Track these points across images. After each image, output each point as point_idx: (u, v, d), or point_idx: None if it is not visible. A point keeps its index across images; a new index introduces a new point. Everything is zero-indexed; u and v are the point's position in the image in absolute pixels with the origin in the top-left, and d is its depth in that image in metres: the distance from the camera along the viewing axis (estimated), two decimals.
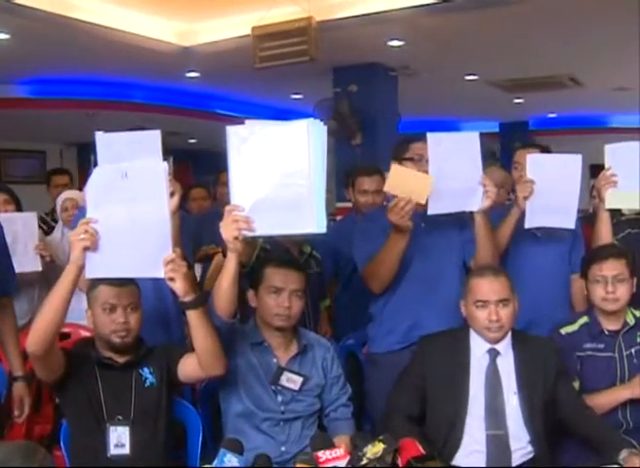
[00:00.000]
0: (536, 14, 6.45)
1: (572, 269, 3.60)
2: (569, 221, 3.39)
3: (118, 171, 2.49)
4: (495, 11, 6.28)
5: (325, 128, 2.53)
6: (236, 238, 2.50)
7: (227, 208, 2.51)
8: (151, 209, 2.47)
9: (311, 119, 2.52)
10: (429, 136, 3.02)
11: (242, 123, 2.56)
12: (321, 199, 2.51)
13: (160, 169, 2.49)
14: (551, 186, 3.29)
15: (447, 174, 3.03)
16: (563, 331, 3.20)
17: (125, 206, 2.46)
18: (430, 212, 3.06)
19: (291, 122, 2.54)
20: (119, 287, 2.72)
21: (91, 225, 2.46)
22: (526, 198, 3.29)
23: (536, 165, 3.34)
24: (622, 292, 3.11)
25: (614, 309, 3.12)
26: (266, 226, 2.53)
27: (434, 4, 6.15)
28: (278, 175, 2.49)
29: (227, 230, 2.50)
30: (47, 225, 5.51)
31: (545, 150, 3.77)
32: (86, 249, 2.45)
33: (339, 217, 6.43)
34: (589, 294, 3.18)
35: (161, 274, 2.49)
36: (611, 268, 3.11)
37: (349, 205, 5.08)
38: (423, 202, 2.96)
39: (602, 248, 3.29)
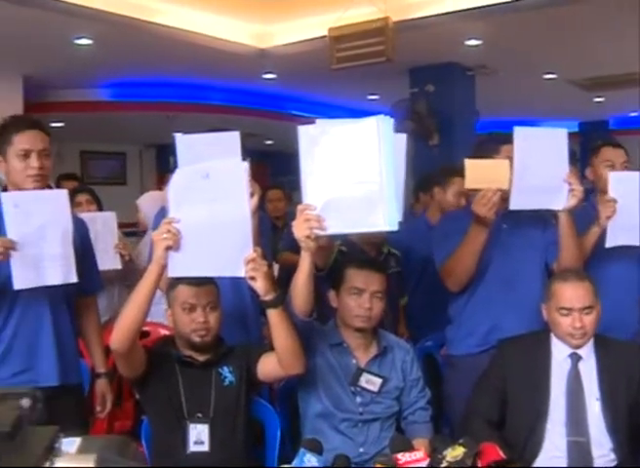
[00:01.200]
0: (615, 10, 6.30)
1: None
2: None
3: (199, 171, 2.52)
4: (574, 7, 6.16)
5: (392, 123, 2.51)
6: (308, 237, 2.50)
7: (299, 207, 2.52)
8: (232, 208, 2.49)
9: (381, 115, 2.50)
10: (516, 129, 2.96)
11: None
12: (392, 196, 2.48)
13: (241, 169, 2.51)
14: (635, 204, 3.20)
15: (532, 169, 2.97)
16: None
17: (206, 205, 2.49)
18: (512, 207, 3.01)
19: (360, 119, 2.52)
20: (198, 286, 2.75)
21: (173, 225, 2.49)
22: (609, 218, 3.20)
23: (619, 183, 3.25)
24: None
25: None
26: (338, 225, 2.52)
27: (512, 2, 6.07)
28: (349, 173, 2.49)
29: (300, 229, 2.50)
30: None
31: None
32: (168, 248, 2.49)
33: None
34: None
35: (242, 273, 2.51)
36: None
37: None
38: (506, 187, 2.92)
39: None
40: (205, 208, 2.49)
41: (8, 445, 0.87)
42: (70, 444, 0.93)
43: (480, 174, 2.92)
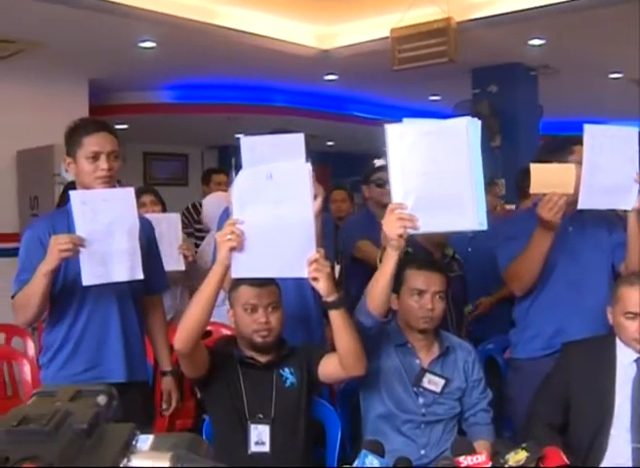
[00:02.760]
0: None
1: None
2: None
3: (263, 172, 2.53)
4: (638, 4, 6.04)
5: (479, 125, 2.53)
6: (401, 236, 2.50)
7: (391, 206, 2.52)
8: (296, 209, 2.50)
9: (469, 117, 2.53)
10: (586, 127, 2.93)
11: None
12: (481, 196, 2.51)
13: (305, 170, 2.52)
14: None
15: (601, 168, 2.94)
16: None
17: (270, 206, 2.51)
18: (580, 206, 2.97)
19: (449, 120, 2.56)
20: (260, 287, 2.77)
21: (237, 226, 2.51)
22: None
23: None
24: None
25: None
26: (428, 224, 2.53)
27: (576, 0, 5.99)
28: (438, 172, 2.51)
29: (392, 228, 2.50)
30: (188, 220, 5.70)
31: None
32: (232, 249, 2.50)
33: None
34: None
35: (305, 274, 2.52)
36: None
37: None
38: (572, 192, 2.89)
39: None
40: (268, 209, 2.51)
41: (85, 442, 0.89)
42: (144, 441, 0.94)
43: (546, 178, 2.90)
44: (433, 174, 2.51)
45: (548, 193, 2.90)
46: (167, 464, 0.84)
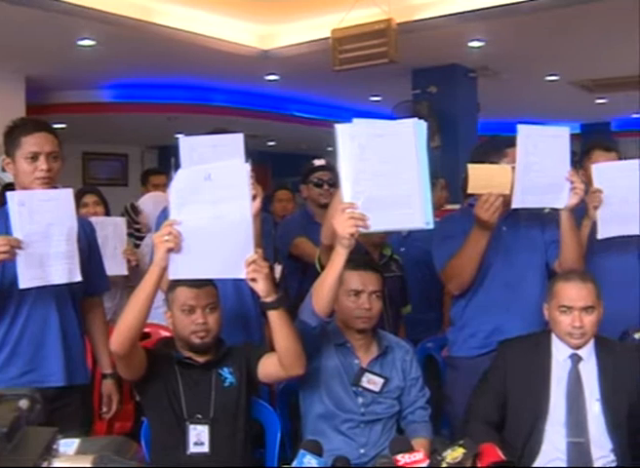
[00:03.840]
0: (617, 12, 6.31)
1: None
2: None
3: (201, 172, 2.52)
4: (575, 10, 6.18)
5: (426, 126, 2.59)
6: (352, 235, 2.51)
7: (342, 206, 2.52)
8: (234, 209, 2.49)
9: (416, 119, 2.59)
10: (519, 127, 2.98)
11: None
12: (428, 196, 2.56)
13: (243, 170, 2.52)
14: (620, 193, 3.23)
15: (534, 167, 2.99)
16: (637, 335, 3.13)
17: (208, 207, 2.49)
18: (515, 205, 3.02)
19: (397, 121, 2.63)
20: (197, 288, 2.75)
21: (174, 227, 2.48)
22: (596, 208, 3.23)
23: (601, 174, 3.28)
24: None
25: None
26: (377, 223, 2.55)
27: (515, 4, 6.08)
28: (387, 172, 2.55)
29: (344, 227, 2.50)
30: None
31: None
32: (169, 250, 2.48)
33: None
34: None
35: (243, 275, 2.51)
36: None
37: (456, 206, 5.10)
38: (509, 192, 2.94)
39: None
40: (206, 209, 2.49)
41: (5, 445, 0.88)
42: (69, 445, 0.93)
43: (483, 179, 2.94)
44: (383, 174, 2.54)
45: (485, 193, 2.94)
46: (88, 464, 0.83)
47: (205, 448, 2.69)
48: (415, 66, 8.17)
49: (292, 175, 5.95)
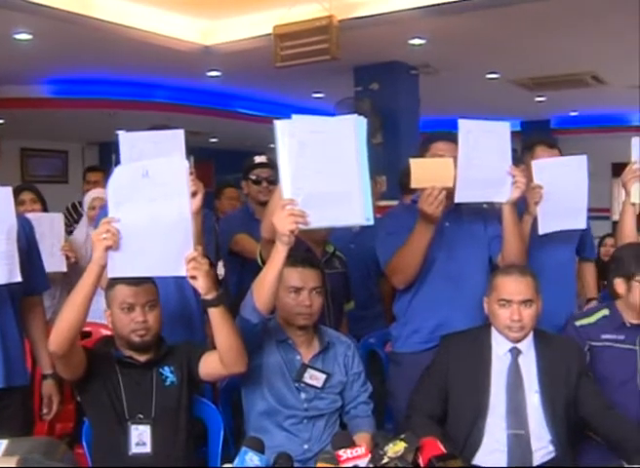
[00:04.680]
0: (557, 11, 6.41)
1: (586, 256, 3.79)
2: (580, 222, 3.44)
3: (139, 169, 2.49)
4: (516, 9, 6.24)
5: (366, 123, 2.60)
6: (292, 231, 2.51)
7: (282, 202, 2.52)
8: (173, 206, 2.47)
9: (356, 115, 2.61)
10: (461, 122, 3.01)
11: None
12: (367, 192, 2.58)
13: (181, 166, 2.50)
14: (560, 189, 3.30)
15: (475, 162, 3.02)
16: (578, 322, 3.21)
17: (146, 204, 2.47)
18: (457, 200, 3.05)
19: (337, 117, 2.65)
20: (136, 285, 2.72)
21: (113, 224, 2.46)
22: (537, 203, 3.28)
23: (542, 170, 3.34)
24: None
25: None
26: (317, 219, 2.55)
27: (455, 2, 6.12)
28: (327, 169, 2.55)
29: (283, 224, 2.50)
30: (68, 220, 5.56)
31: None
32: (108, 248, 2.45)
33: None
34: (631, 295, 3.14)
35: (183, 272, 2.50)
36: None
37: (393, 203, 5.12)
38: (452, 184, 2.96)
39: None
40: (145, 206, 2.47)
41: None
42: None
43: (425, 173, 2.95)
44: (322, 170, 2.54)
45: (428, 187, 2.96)
46: (13, 465, 0.82)
47: (147, 449, 2.67)
48: (357, 63, 8.18)
49: (235, 172, 5.91)
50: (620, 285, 3.19)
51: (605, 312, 3.21)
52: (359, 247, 4.38)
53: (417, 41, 7.35)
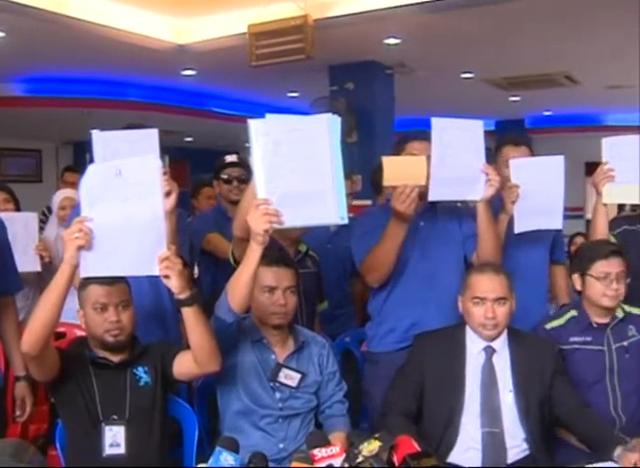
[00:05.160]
0: (531, 11, 6.45)
1: (556, 259, 3.79)
2: (556, 222, 3.45)
3: (112, 168, 2.48)
4: (490, 9, 6.28)
5: (339, 121, 2.59)
6: (266, 231, 2.50)
7: (256, 202, 2.52)
8: (146, 206, 2.46)
9: (329, 114, 2.59)
10: (434, 120, 3.02)
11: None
12: (342, 191, 2.57)
13: (154, 166, 2.49)
14: (536, 189, 3.31)
15: (449, 160, 3.03)
16: (548, 326, 3.22)
17: (119, 204, 2.46)
18: (431, 198, 3.06)
19: (311, 116, 2.66)
20: (109, 285, 2.70)
21: (85, 224, 2.45)
22: (513, 202, 3.30)
23: (519, 169, 3.35)
24: (623, 288, 3.13)
25: (613, 305, 3.14)
26: (292, 219, 2.55)
27: (431, 2, 6.14)
28: (301, 168, 2.55)
29: (257, 223, 2.50)
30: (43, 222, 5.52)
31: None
32: (80, 248, 2.44)
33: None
34: (587, 290, 3.17)
35: (156, 272, 2.48)
36: (616, 265, 3.12)
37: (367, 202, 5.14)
38: (424, 183, 2.96)
39: (603, 245, 3.27)
40: (118, 206, 2.46)
41: None
42: None
43: (397, 171, 2.95)
44: (296, 169, 2.54)
45: (400, 185, 2.96)
46: None
47: (121, 450, 2.66)
48: (332, 63, 8.18)
49: (210, 172, 5.90)
50: (576, 281, 3.22)
51: (573, 313, 3.23)
52: (336, 246, 4.38)
53: (392, 40, 7.36)
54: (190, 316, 2.58)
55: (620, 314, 3.19)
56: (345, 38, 7.08)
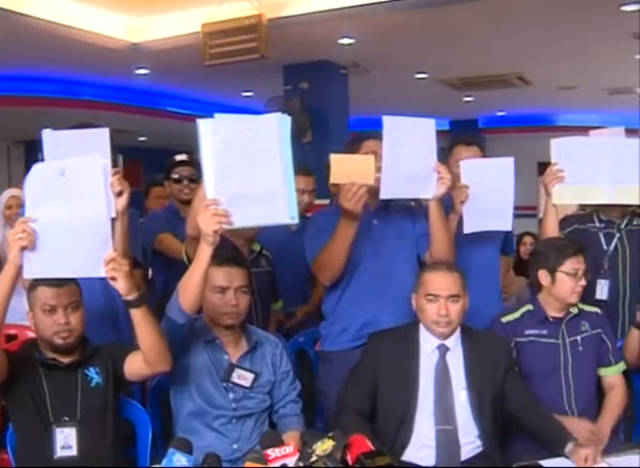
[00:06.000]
0: (483, 13, 6.53)
1: (506, 251, 3.89)
2: (505, 223, 3.48)
3: (56, 168, 2.46)
4: (443, 10, 6.34)
5: (290, 121, 2.58)
6: (216, 231, 2.49)
7: (205, 202, 2.50)
8: (90, 206, 2.45)
9: (279, 114, 2.58)
10: (385, 119, 3.02)
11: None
12: (292, 190, 2.56)
13: (98, 166, 2.47)
14: (486, 190, 3.34)
15: (401, 158, 3.03)
16: (504, 319, 3.25)
17: (64, 204, 2.44)
18: (382, 196, 3.06)
19: (261, 116, 2.61)
20: (58, 287, 2.67)
21: (28, 224, 2.43)
22: (462, 203, 3.33)
23: (469, 170, 3.37)
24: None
25: (577, 301, 3.21)
26: (242, 219, 2.54)
27: (384, 2, 6.18)
28: (250, 167, 2.53)
29: (207, 224, 2.48)
30: None
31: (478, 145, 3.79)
32: (23, 248, 2.42)
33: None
34: (556, 286, 3.20)
35: (102, 273, 2.47)
36: (582, 263, 3.18)
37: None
38: (372, 182, 2.96)
39: (571, 242, 3.33)
40: (62, 206, 2.44)
41: None
42: None
43: (345, 169, 2.95)
44: (246, 169, 2.53)
45: (348, 183, 2.97)
46: None
47: (73, 452, 2.63)
48: (286, 62, 8.19)
49: (163, 171, 5.87)
50: (544, 277, 3.25)
51: (529, 307, 3.27)
52: (293, 246, 4.38)
53: (346, 40, 7.40)
54: (139, 317, 2.57)
55: (574, 310, 3.24)
56: (300, 38, 7.10)
